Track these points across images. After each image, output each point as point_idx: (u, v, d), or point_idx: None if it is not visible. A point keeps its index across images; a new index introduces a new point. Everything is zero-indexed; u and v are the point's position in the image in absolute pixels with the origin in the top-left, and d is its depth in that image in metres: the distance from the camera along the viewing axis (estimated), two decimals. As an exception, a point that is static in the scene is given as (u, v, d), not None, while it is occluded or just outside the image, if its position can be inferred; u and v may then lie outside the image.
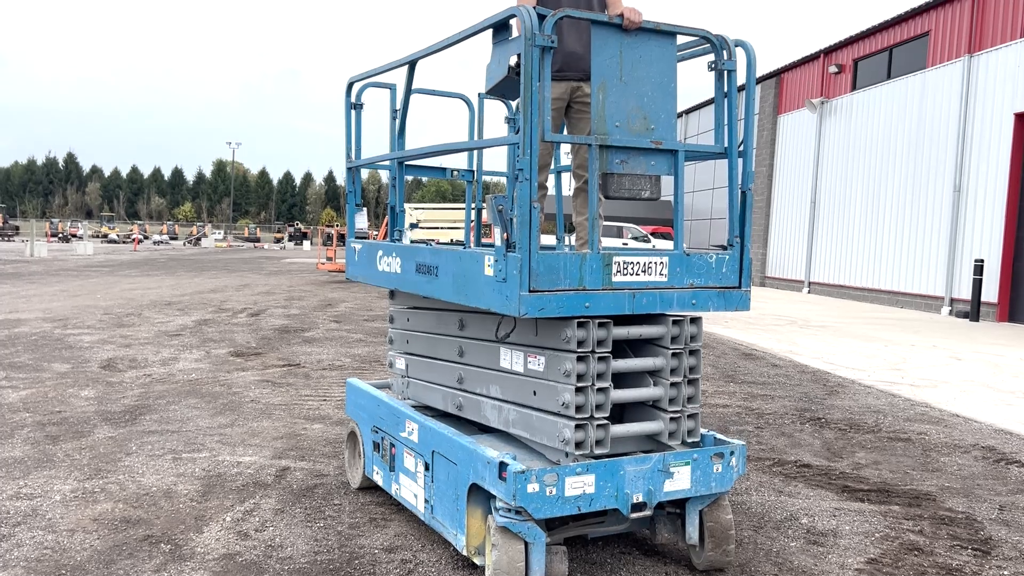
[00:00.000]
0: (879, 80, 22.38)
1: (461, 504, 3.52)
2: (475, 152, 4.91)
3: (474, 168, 4.92)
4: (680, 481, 3.44)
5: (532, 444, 3.57)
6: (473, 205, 5.00)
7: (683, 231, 3.39)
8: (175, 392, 7.29)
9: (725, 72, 3.39)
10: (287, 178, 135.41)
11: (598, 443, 3.23)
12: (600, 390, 3.23)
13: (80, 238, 57.70)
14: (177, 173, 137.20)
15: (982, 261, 17.34)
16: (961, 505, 4.76)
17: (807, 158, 25.89)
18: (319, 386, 7.78)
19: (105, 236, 64.30)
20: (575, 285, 3.11)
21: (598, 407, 3.23)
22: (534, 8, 2.97)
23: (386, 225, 23.98)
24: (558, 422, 3.27)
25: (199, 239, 65.45)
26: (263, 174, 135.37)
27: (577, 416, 3.20)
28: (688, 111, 35.13)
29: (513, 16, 3.11)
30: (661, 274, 3.31)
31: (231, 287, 19.81)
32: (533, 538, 3.19)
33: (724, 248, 3.53)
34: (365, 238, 20.19)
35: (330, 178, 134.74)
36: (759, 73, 28.35)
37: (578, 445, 3.20)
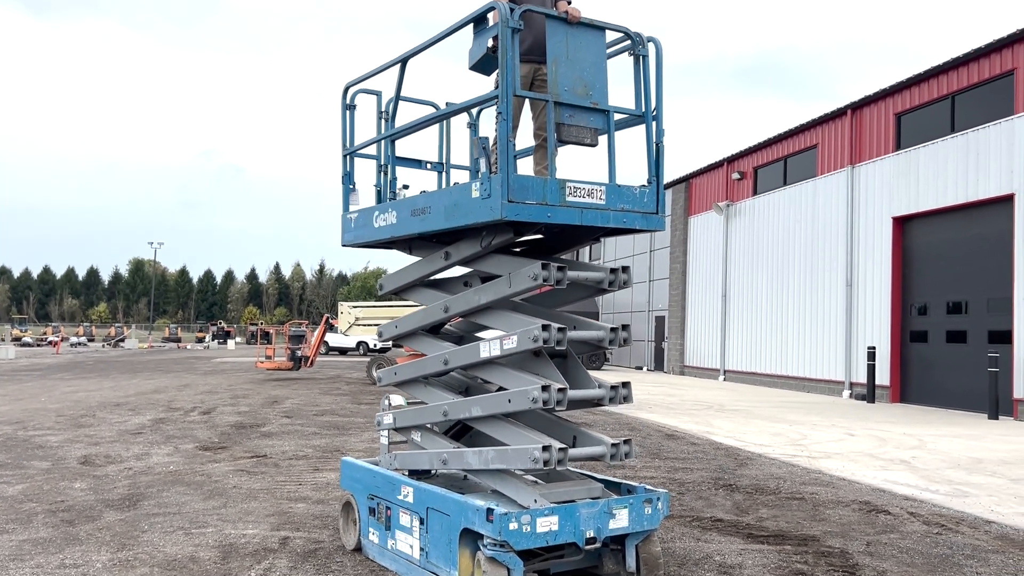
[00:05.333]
0: (777, 186, 24.80)
1: (454, 546, 4.53)
2: (444, 147, 6.02)
3: (443, 161, 6.05)
4: (620, 520, 4.56)
5: (507, 492, 4.63)
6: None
7: (616, 170, 4.58)
8: (161, 482, 8.04)
9: (640, 57, 4.73)
10: (207, 276, 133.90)
11: (559, 462, 4.26)
12: (560, 390, 4.26)
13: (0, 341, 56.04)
14: (92, 273, 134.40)
15: (874, 348, 19.27)
16: (838, 543, 5.99)
17: (717, 256, 28.06)
18: (291, 473, 8.62)
19: (18, 339, 62.40)
20: (540, 200, 4.28)
21: (558, 403, 4.25)
22: (507, 3, 4.29)
23: (323, 327, 24.75)
24: (529, 448, 4.31)
25: (120, 340, 64.05)
26: (183, 273, 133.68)
27: (544, 408, 4.20)
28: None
29: (492, 9, 4.39)
30: (600, 198, 4.49)
31: (172, 387, 20.20)
32: (514, 565, 4.23)
33: (645, 185, 4.70)
34: (302, 337, 20.75)
35: (252, 276, 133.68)
36: (673, 177, 30.66)
37: (545, 463, 4.23)
